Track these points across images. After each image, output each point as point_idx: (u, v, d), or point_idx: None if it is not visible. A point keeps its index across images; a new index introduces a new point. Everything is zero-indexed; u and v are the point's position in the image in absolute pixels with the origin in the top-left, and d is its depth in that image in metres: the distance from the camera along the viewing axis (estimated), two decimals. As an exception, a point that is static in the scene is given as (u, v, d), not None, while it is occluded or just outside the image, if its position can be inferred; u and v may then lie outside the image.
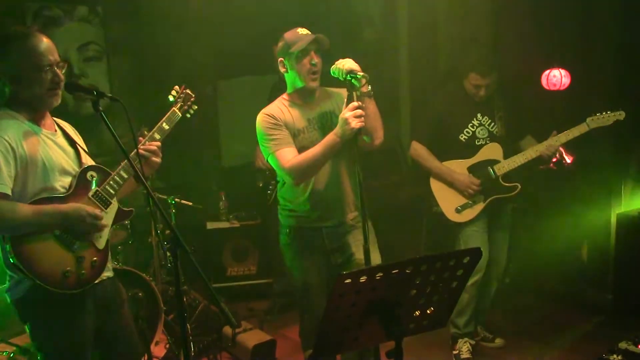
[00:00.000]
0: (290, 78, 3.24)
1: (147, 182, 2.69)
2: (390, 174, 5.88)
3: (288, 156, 3.15)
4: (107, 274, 2.77)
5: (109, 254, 2.75)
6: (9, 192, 2.43)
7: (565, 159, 4.64)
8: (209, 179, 5.85)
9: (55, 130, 2.68)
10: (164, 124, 2.91)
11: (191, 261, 2.26)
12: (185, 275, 4.59)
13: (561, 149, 4.07)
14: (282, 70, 3.25)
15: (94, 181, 2.67)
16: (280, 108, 3.27)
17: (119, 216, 2.78)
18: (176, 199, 4.73)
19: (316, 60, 3.16)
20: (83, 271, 2.57)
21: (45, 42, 2.53)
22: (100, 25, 5.44)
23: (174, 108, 2.97)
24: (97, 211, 2.59)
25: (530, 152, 3.92)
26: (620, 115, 3.79)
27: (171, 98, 3.01)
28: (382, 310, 2.10)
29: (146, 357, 3.92)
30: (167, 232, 4.72)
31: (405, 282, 2.07)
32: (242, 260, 5.55)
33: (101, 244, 2.67)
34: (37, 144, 2.53)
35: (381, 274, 2.01)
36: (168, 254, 4.69)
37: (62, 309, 2.57)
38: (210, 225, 5.49)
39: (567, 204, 4.89)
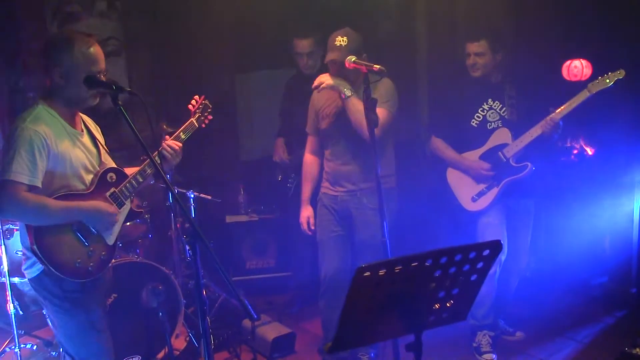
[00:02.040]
0: None
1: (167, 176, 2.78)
2: (409, 167, 5.84)
3: (309, 145, 4.02)
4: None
5: (116, 249, 2.93)
6: (40, 185, 2.63)
7: (586, 151, 4.59)
8: (227, 173, 5.87)
9: (82, 130, 2.86)
10: (182, 134, 3.10)
11: (210, 254, 2.28)
12: (204, 269, 4.61)
13: (582, 141, 4.03)
14: None
15: (112, 182, 2.87)
16: (322, 91, 3.75)
17: (131, 216, 3.02)
18: (195, 193, 4.75)
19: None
20: (92, 263, 2.78)
21: (99, 51, 2.77)
22: (118, 20, 5.47)
23: (192, 119, 3.16)
24: (114, 208, 2.81)
25: (535, 129, 3.88)
26: (620, 74, 3.72)
27: (191, 107, 3.18)
28: (402, 303, 2.10)
29: (167, 350, 3.96)
30: (187, 225, 4.74)
31: (425, 275, 2.06)
32: (261, 254, 5.56)
33: (111, 240, 2.87)
34: (67, 143, 2.73)
35: (400, 267, 2.00)
36: (188, 247, 4.72)
37: (74, 289, 2.76)
38: (229, 219, 5.51)
39: (589, 196, 4.84)
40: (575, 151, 4.81)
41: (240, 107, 6.06)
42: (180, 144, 3.04)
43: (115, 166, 2.92)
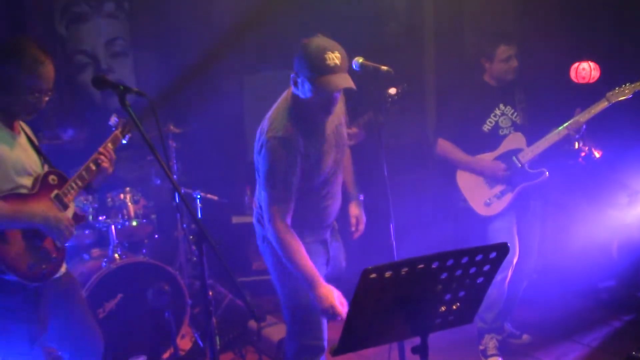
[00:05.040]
0: (303, 95, 2.83)
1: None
2: (415, 169, 5.84)
3: (282, 216, 2.80)
4: (63, 269, 2.92)
5: (66, 250, 2.89)
6: None
7: (594, 154, 4.57)
8: (234, 173, 5.88)
9: (19, 132, 2.81)
10: (110, 144, 3.00)
11: (217, 255, 2.28)
12: (210, 269, 4.61)
13: (590, 144, 4.00)
14: (293, 85, 2.84)
15: (54, 184, 2.83)
16: (294, 128, 2.83)
17: (74, 220, 2.91)
18: (202, 193, 4.76)
19: (334, 107, 2.82)
20: (44, 266, 2.73)
21: (50, 71, 2.66)
22: (126, 20, 5.49)
23: (116, 132, 3.05)
24: (65, 215, 2.76)
25: (553, 135, 3.86)
26: None
27: (111, 123, 3.09)
28: (408, 305, 2.09)
29: (172, 350, 3.96)
30: (193, 226, 4.75)
31: (431, 278, 2.05)
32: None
33: (61, 242, 2.82)
34: (5, 144, 2.68)
35: (407, 269, 1.99)
36: (194, 247, 4.73)
37: (21, 297, 2.70)
38: (235, 220, 5.51)
39: (597, 199, 4.82)
40: (583, 154, 4.79)
41: (247, 107, 6.06)
42: (113, 153, 2.96)
43: (54, 169, 2.89)
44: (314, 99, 2.78)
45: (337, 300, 2.72)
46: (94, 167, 2.90)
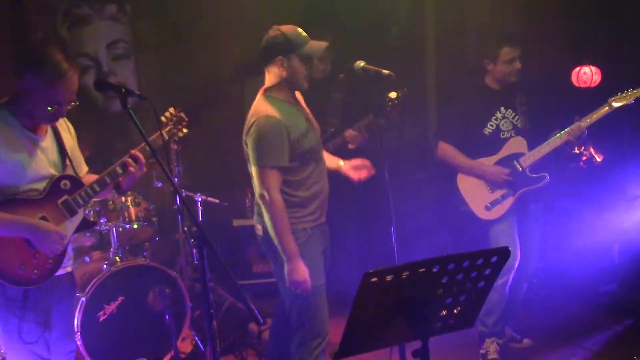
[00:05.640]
0: (284, 77, 3.15)
1: (175, 179, 2.73)
2: (416, 172, 5.84)
3: (276, 183, 3.07)
4: (68, 268, 2.90)
5: (65, 256, 2.83)
6: None
7: (595, 158, 4.57)
8: (235, 176, 5.87)
9: (44, 134, 2.77)
10: (146, 146, 2.90)
11: (217, 258, 2.28)
12: (211, 272, 4.61)
13: (591, 148, 4.01)
14: (280, 70, 3.14)
15: (65, 190, 2.77)
16: (276, 110, 3.11)
17: (83, 225, 2.90)
18: (203, 196, 4.76)
19: (321, 66, 3.21)
20: (36, 270, 2.68)
21: (72, 83, 2.62)
22: (128, 23, 5.50)
23: (162, 131, 2.98)
24: (63, 232, 2.70)
25: (555, 140, 3.86)
26: None
27: (163, 119, 3.03)
28: (409, 309, 2.09)
29: (173, 353, 3.96)
30: (194, 229, 4.75)
31: (432, 281, 2.05)
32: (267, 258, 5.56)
33: (50, 253, 2.76)
34: (22, 149, 2.65)
35: (408, 273, 1.99)
36: (195, 250, 4.72)
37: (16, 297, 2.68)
38: (236, 223, 5.51)
39: (598, 203, 4.81)
40: (584, 158, 4.80)
41: (249, 111, 6.07)
42: (143, 157, 2.89)
43: (72, 174, 2.83)
44: (300, 72, 3.12)
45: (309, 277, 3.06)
46: (120, 171, 2.82)
